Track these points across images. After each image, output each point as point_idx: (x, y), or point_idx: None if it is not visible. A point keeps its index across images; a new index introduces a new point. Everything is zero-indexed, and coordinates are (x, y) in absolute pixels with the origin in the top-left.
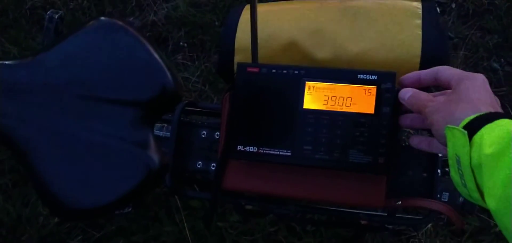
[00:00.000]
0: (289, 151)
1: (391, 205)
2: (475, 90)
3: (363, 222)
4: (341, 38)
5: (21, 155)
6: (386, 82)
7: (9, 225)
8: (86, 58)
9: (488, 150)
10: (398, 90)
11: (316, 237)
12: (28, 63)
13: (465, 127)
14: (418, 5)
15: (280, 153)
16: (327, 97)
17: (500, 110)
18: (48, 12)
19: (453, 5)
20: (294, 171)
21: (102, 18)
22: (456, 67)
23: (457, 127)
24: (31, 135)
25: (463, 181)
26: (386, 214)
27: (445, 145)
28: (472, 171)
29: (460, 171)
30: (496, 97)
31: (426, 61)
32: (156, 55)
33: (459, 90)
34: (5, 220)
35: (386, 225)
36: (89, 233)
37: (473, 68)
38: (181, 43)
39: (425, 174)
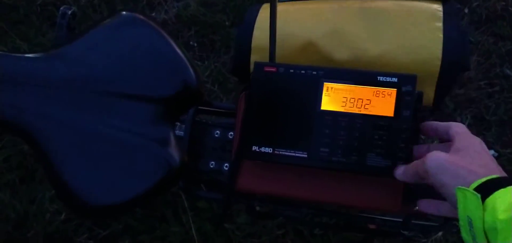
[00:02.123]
0: (306, 153)
1: (407, 211)
2: (482, 154)
3: (371, 226)
4: (360, 39)
5: (39, 150)
6: (407, 84)
7: (15, 221)
8: (107, 52)
9: (502, 216)
10: (419, 93)
11: (324, 241)
12: (48, 56)
13: (477, 189)
14: (439, 7)
15: (296, 154)
16: (346, 98)
17: (504, 173)
18: (61, 8)
19: (466, 11)
20: (310, 173)
21: (124, 12)
22: (468, 73)
23: (469, 189)
24: (50, 130)
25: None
26: (401, 219)
27: (454, 205)
28: (485, 234)
29: (472, 233)
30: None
31: (447, 64)
32: (179, 51)
33: (468, 150)
34: (11, 216)
35: (402, 231)
36: (96, 231)
37: (486, 74)
38: (191, 43)
39: None
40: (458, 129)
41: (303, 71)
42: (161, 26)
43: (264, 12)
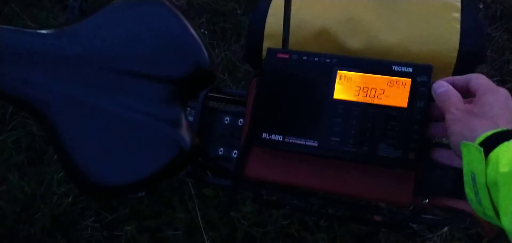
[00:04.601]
0: (316, 142)
1: (418, 203)
2: (498, 105)
3: (376, 218)
4: (375, 28)
5: (49, 127)
6: (422, 75)
7: (23, 203)
8: (120, 30)
9: (504, 169)
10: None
11: (329, 233)
12: (61, 32)
13: (481, 144)
14: None
15: (307, 143)
16: (359, 87)
17: None
18: None
19: (481, 6)
20: (320, 162)
21: None
22: (482, 67)
23: (472, 144)
24: (60, 107)
25: (478, 198)
26: (407, 213)
27: (460, 157)
28: (488, 189)
29: (475, 188)
30: None
31: (464, 56)
32: (193, 31)
33: (482, 103)
34: (19, 197)
35: (410, 223)
36: (102, 215)
37: (499, 70)
38: (202, 30)
39: (454, 174)
40: (479, 80)
41: (316, 59)
42: (175, 5)
43: None
